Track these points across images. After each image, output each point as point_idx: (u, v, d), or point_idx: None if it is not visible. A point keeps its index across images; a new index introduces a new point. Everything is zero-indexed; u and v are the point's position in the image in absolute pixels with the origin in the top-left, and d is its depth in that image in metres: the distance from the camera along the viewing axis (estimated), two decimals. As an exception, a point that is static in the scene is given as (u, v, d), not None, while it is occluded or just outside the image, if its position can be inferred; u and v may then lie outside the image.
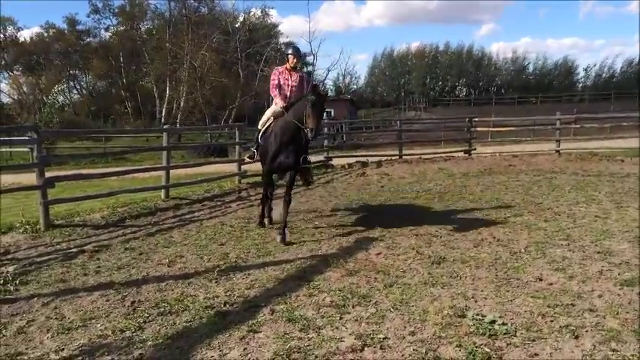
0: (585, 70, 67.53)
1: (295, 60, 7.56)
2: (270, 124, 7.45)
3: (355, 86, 68.66)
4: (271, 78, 7.61)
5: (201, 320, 4.39)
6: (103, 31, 51.73)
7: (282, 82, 7.53)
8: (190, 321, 4.38)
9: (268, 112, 7.67)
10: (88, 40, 52.22)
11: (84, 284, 5.43)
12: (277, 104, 7.41)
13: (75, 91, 54.59)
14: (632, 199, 9.37)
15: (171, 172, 11.51)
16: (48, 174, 8.44)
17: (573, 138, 20.22)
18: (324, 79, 49.23)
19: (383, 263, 5.93)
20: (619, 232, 7.05)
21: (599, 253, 6.10)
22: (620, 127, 20.68)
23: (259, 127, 7.74)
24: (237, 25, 41.62)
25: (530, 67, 67.00)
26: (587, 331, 4.01)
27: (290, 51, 7.68)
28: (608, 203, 9.11)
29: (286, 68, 7.61)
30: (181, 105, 34.74)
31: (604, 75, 65.48)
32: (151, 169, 12.08)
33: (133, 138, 29.88)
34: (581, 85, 67.26)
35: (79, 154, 21.26)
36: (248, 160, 8.20)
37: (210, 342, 3.95)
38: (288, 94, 7.51)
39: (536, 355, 3.67)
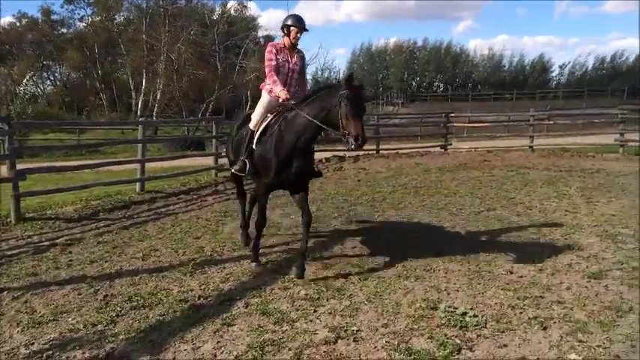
0: (560, 67, 68.61)
1: (299, 34, 5.63)
2: (269, 123, 5.55)
3: (334, 81, 68.62)
4: (266, 57, 5.62)
5: (175, 314, 4.38)
6: (77, 21, 50.74)
7: (280, 63, 5.62)
8: (164, 314, 4.36)
9: (261, 108, 5.76)
10: (62, 30, 51.17)
11: (55, 278, 5.36)
12: (276, 94, 5.52)
13: (48, 82, 53.52)
14: (601, 195, 9.59)
15: (147, 165, 11.40)
16: (19, 166, 8.29)
17: (546, 134, 20.56)
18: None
19: (358, 256, 5.98)
20: (588, 226, 7.21)
21: (568, 246, 6.25)
22: (592, 123, 21.11)
23: (251, 127, 5.71)
24: (215, 18, 41.22)
25: (506, 65, 67.81)
26: (554, 322, 4.12)
27: (290, 21, 5.61)
28: (578, 198, 9.31)
29: (284, 45, 5.69)
30: (158, 97, 34.31)
31: (577, 73, 66.60)
32: (125, 161, 11.95)
33: (108, 130, 29.43)
34: (555, 82, 68.33)
35: (52, 146, 20.79)
36: (236, 172, 5.88)
37: (183, 335, 3.95)
38: (288, 80, 5.67)
39: (505, 345, 3.75)
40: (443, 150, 18.56)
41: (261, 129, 5.58)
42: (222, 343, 3.83)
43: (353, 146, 4.81)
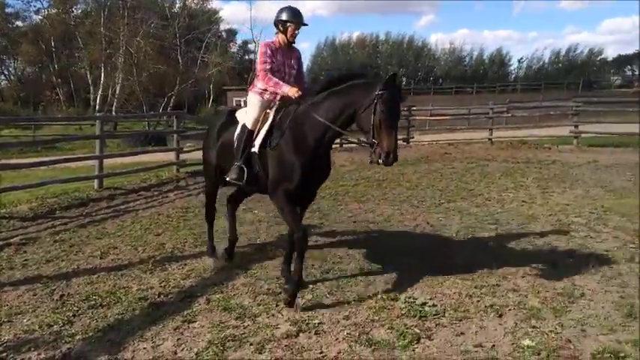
0: (519, 61, 70.29)
1: (297, 31, 4.83)
2: (274, 121, 4.70)
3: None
4: (260, 59, 4.85)
5: (134, 312, 4.32)
6: (33, 14, 49.04)
7: (275, 67, 4.83)
8: (122, 313, 4.29)
9: (254, 109, 4.88)
10: (17, 23, 49.38)
11: (9, 278, 5.20)
12: (276, 91, 4.76)
13: (2, 77, 51.70)
14: (556, 185, 9.90)
15: (106, 161, 11.16)
16: (-30, 164, 8.00)
17: (505, 127, 21.01)
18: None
19: (320, 251, 6.01)
20: (543, 216, 7.44)
21: (524, 236, 6.43)
22: (548, 116, 21.70)
23: (249, 126, 4.82)
24: (175, 11, 40.58)
25: (467, 59, 68.98)
26: (510, 309, 4.24)
27: (286, 16, 4.77)
28: (534, 189, 9.59)
29: (280, 44, 4.88)
30: (117, 92, 33.58)
31: (534, 66, 68.31)
32: (83, 158, 11.64)
33: (65, 126, 28.66)
34: (514, 75, 69.91)
35: (7, 143, 19.94)
36: (233, 181, 4.87)
37: (142, 334, 3.90)
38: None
39: (462, 333, 3.85)
40: (405, 143, 18.77)
41: (265, 128, 4.69)
42: (182, 340, 3.80)
43: (381, 161, 4.04)
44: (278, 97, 4.83)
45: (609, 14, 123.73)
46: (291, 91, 4.59)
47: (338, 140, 17.39)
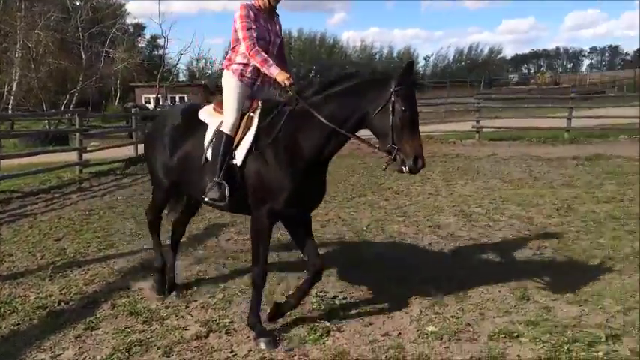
0: (425, 59, 73.29)
1: None
2: (261, 125, 3.78)
3: (210, 71, 67.11)
4: (241, 24, 3.82)
5: (32, 322, 4.08)
6: None
7: (259, 34, 3.88)
8: (19, 323, 4.04)
9: (233, 100, 3.89)
10: None
11: None
12: (262, 69, 3.83)
13: None
14: (459, 177, 10.44)
15: (2, 162, 10.44)
16: None
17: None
18: (177, 63, 47.66)
19: (232, 249, 5.97)
20: (447, 207, 7.83)
21: (430, 227, 6.73)
22: (452, 112, 22.78)
23: (226, 131, 3.82)
24: (77, 3, 38.42)
25: (378, 56, 70.98)
26: (415, 298, 4.42)
27: None
28: (439, 181, 10.05)
29: (261, 7, 3.98)
30: (14, 89, 31.29)
31: (440, 65, 71.56)
32: (-26, 160, 10.80)
33: (-46, 126, 26.34)
34: (421, 73, 72.73)
35: None
36: (213, 202, 3.85)
37: (41, 344, 3.69)
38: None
39: (371, 324, 3.97)
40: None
41: (251, 135, 3.77)
42: (84, 348, 3.63)
43: (407, 169, 3.46)
44: (259, 81, 4.04)
45: (508, 15, 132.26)
46: (281, 76, 3.70)
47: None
